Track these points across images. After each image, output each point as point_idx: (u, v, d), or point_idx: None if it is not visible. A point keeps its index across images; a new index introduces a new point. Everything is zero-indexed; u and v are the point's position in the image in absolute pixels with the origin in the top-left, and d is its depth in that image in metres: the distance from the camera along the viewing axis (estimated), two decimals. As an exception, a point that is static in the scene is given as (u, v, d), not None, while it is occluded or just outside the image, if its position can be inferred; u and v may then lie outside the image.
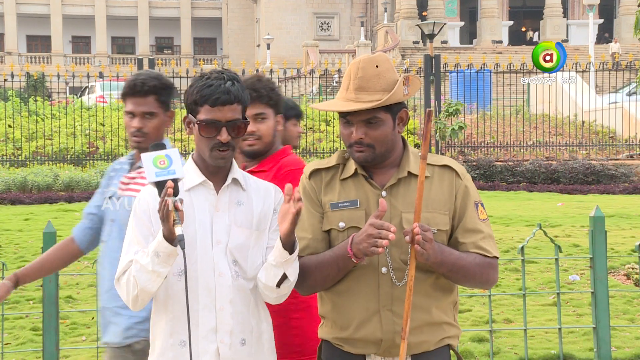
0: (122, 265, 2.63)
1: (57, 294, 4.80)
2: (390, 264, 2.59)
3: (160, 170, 2.48)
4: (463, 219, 2.64)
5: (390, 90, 2.57)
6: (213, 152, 2.62)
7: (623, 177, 18.39)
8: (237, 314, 2.64)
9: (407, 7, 49.49)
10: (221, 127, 2.60)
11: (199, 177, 2.68)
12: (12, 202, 15.22)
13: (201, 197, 2.67)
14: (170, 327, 2.64)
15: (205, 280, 2.62)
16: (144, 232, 2.63)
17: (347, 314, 2.63)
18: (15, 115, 20.70)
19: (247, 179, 2.77)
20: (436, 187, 2.64)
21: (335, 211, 2.64)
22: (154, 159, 2.49)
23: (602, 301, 5.16)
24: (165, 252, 2.48)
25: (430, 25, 25.52)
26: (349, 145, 2.63)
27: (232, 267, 2.64)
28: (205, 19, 61.77)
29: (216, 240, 2.64)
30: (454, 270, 2.57)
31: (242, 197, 2.70)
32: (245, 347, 2.66)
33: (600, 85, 28.77)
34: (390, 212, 2.60)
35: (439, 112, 18.55)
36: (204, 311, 2.61)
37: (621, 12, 50.85)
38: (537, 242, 9.45)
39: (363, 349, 2.63)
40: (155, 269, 2.50)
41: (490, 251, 2.63)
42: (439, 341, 2.66)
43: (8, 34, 57.77)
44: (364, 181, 2.65)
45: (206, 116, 2.61)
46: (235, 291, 2.64)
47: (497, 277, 2.71)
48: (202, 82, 2.64)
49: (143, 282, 2.53)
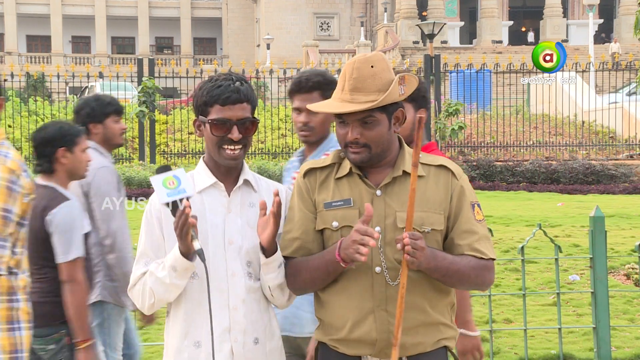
0: (135, 276, 2.68)
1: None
2: (384, 264, 2.59)
3: (171, 190, 2.53)
4: (458, 220, 2.63)
5: (386, 90, 2.56)
6: (224, 150, 2.65)
7: (623, 177, 18.39)
8: (250, 314, 2.67)
9: (407, 7, 49.48)
10: (232, 126, 2.63)
11: (211, 178, 2.70)
12: (12, 202, 15.21)
13: (213, 199, 2.69)
14: (184, 328, 2.67)
15: (217, 280, 2.64)
16: (154, 243, 2.68)
17: (341, 314, 2.63)
18: (15, 115, 20.70)
19: (259, 180, 2.80)
20: (432, 186, 2.63)
21: (329, 210, 2.64)
22: (163, 181, 2.54)
23: (602, 301, 5.16)
24: (182, 266, 2.55)
25: (430, 25, 25.53)
26: (345, 145, 2.63)
27: (246, 268, 2.68)
28: (205, 19, 61.75)
29: (228, 241, 2.67)
30: (448, 275, 2.57)
31: (254, 198, 2.73)
32: (258, 346, 2.69)
33: (600, 85, 28.77)
34: (385, 211, 2.60)
35: (439, 112, 18.55)
36: (217, 311, 2.63)
37: (621, 12, 50.83)
38: (537, 242, 9.45)
39: (358, 350, 2.63)
40: (173, 282, 2.59)
41: (485, 253, 2.62)
42: (436, 342, 2.65)
43: (8, 34, 57.75)
44: (358, 180, 2.65)
45: (217, 115, 2.64)
46: (247, 291, 2.67)
47: (493, 278, 2.69)
48: (211, 84, 2.67)
49: (160, 294, 2.62)
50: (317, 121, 3.38)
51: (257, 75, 22.09)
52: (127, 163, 18.48)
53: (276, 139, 20.29)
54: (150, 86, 17.60)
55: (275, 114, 21.28)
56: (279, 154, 19.59)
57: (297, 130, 3.47)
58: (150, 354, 5.88)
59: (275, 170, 16.76)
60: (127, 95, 23.70)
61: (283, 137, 20.65)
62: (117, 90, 22.52)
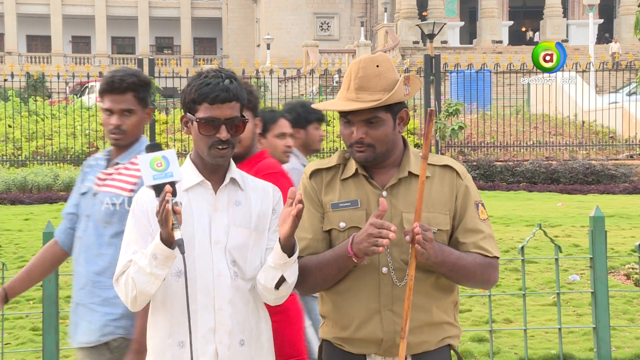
0: (121, 266, 2.61)
1: (57, 294, 4.80)
2: (391, 264, 2.59)
3: (158, 173, 2.45)
4: (463, 219, 2.63)
5: (391, 90, 2.57)
6: (212, 150, 2.61)
7: (623, 177, 18.39)
8: (236, 314, 2.63)
9: (407, 7, 49.48)
10: (220, 125, 2.59)
11: (197, 177, 2.66)
12: (12, 202, 15.22)
13: (199, 197, 2.65)
14: (168, 328, 2.62)
15: (203, 280, 2.60)
16: (143, 232, 2.61)
17: (347, 313, 2.63)
18: (15, 115, 20.69)
19: (246, 178, 2.75)
20: (437, 187, 2.64)
21: (336, 211, 2.64)
22: (150, 161, 2.46)
23: (602, 301, 5.16)
24: (163, 254, 2.46)
25: (430, 25, 25.55)
26: (350, 145, 2.62)
27: (231, 268, 2.63)
28: (205, 19, 61.77)
29: (215, 240, 2.63)
30: (455, 270, 2.57)
31: (241, 197, 2.69)
32: (244, 348, 2.65)
33: (600, 85, 28.77)
34: (391, 212, 2.60)
35: (439, 112, 18.55)
36: (202, 311, 2.60)
37: (621, 12, 50.84)
38: (537, 242, 9.45)
39: (363, 348, 2.63)
40: (154, 272, 2.49)
41: (490, 251, 2.63)
42: (440, 341, 2.65)
43: (8, 34, 57.76)
44: (364, 181, 2.65)
45: (205, 114, 2.59)
46: (234, 291, 2.63)
47: (498, 277, 2.70)
48: (200, 81, 2.61)
49: (141, 284, 2.52)
50: (129, 124, 3.22)
51: (257, 75, 22.07)
52: (127, 163, 18.46)
53: (276, 139, 20.28)
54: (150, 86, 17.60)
55: (275, 114, 21.23)
56: (279, 154, 19.56)
57: (108, 133, 3.26)
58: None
59: (275, 170, 16.74)
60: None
61: (283, 137, 20.63)
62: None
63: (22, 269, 3.52)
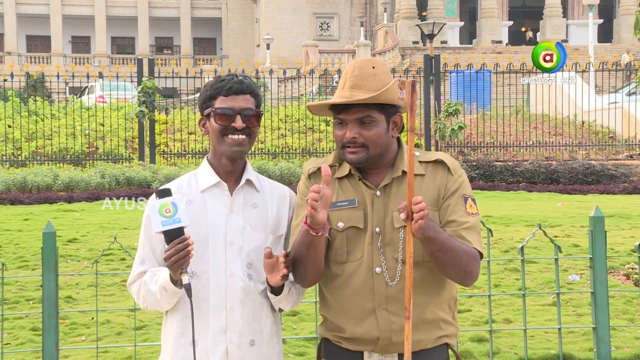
0: (134, 274, 2.73)
1: (56, 294, 4.79)
2: (384, 264, 2.60)
3: (166, 219, 2.52)
4: (448, 210, 2.62)
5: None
6: (227, 138, 2.66)
7: (623, 177, 18.38)
8: (248, 315, 2.67)
9: (407, 7, 49.49)
10: (235, 115, 2.66)
11: (214, 178, 2.71)
12: (11, 202, 15.21)
13: (215, 198, 2.70)
14: (181, 327, 2.68)
15: (216, 280, 2.65)
16: (153, 244, 2.71)
17: (344, 313, 2.65)
18: (15, 115, 20.69)
19: (262, 181, 2.80)
20: (428, 184, 2.64)
21: (334, 210, 2.64)
22: (159, 207, 2.54)
23: (602, 301, 5.15)
24: (172, 290, 2.59)
25: (430, 25, 25.58)
26: (342, 146, 2.63)
27: (246, 270, 2.68)
28: (205, 19, 61.78)
29: (229, 241, 2.67)
30: (443, 250, 2.51)
31: (257, 199, 2.74)
32: (254, 348, 2.69)
33: (600, 85, 28.78)
34: (384, 212, 2.61)
35: (439, 112, 18.55)
36: (214, 311, 2.65)
37: (621, 12, 50.87)
38: (537, 242, 9.45)
39: (360, 346, 2.65)
40: (163, 299, 2.63)
41: (471, 242, 2.59)
42: (437, 339, 2.66)
43: (8, 34, 57.77)
44: (358, 181, 2.66)
45: (220, 105, 2.67)
46: (246, 292, 2.67)
47: (478, 273, 2.64)
48: (215, 80, 2.73)
49: (153, 305, 2.68)
50: None
51: (256, 75, 22.06)
52: (127, 163, 18.48)
53: (276, 139, 20.29)
54: (150, 86, 17.59)
55: (275, 114, 21.27)
56: (279, 154, 19.58)
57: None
58: (150, 354, 5.88)
59: (275, 171, 16.76)
60: (126, 95, 23.76)
61: (283, 137, 20.64)
62: (117, 90, 22.58)
63: None
